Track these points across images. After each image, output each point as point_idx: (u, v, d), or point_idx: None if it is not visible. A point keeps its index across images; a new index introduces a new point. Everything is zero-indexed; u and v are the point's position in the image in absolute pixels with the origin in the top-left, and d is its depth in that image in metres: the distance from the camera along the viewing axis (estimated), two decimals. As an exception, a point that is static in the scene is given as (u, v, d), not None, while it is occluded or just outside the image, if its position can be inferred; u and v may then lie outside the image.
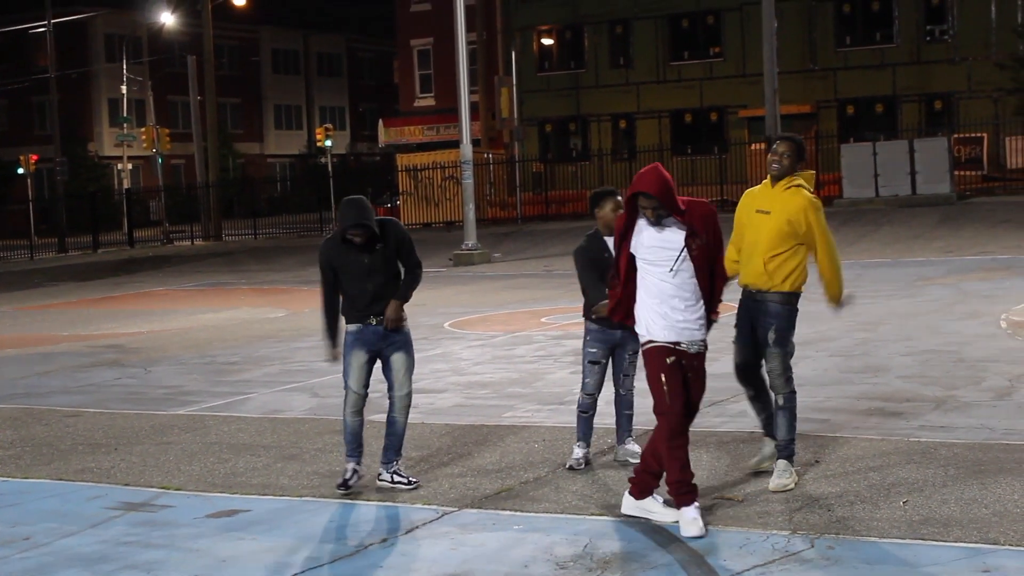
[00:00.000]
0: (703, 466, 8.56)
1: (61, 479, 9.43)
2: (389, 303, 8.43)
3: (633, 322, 7.48)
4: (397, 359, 8.47)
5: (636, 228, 7.33)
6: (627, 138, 51.43)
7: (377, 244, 8.39)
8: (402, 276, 8.58)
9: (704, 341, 7.41)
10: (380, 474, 8.54)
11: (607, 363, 8.82)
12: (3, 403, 13.25)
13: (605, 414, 9.23)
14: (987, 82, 44.43)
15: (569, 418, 10.05)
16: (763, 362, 8.22)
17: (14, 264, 45.28)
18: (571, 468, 8.72)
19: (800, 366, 12.35)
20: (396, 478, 8.43)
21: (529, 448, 9.51)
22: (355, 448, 8.53)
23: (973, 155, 42.61)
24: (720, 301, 7.52)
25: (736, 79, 49.08)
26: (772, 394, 8.22)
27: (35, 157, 56.22)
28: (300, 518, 7.88)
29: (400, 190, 47.80)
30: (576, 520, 7.45)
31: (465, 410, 11.36)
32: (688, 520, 7.04)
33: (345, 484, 8.41)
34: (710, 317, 7.44)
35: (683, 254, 7.22)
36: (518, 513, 7.62)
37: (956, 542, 6.61)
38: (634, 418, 9.02)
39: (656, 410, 7.30)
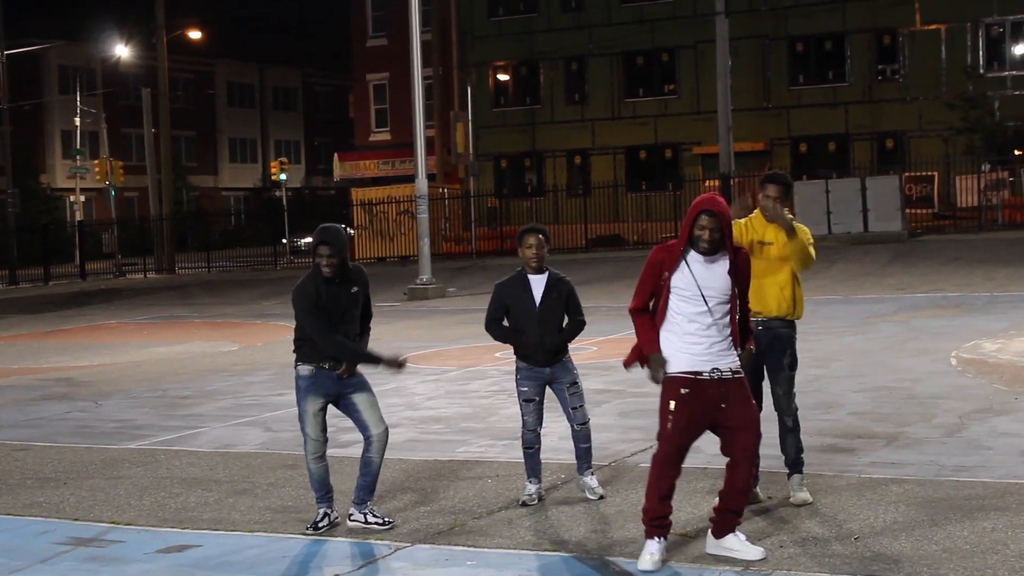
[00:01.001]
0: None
1: (9, 514, 9.32)
2: (345, 365, 8.19)
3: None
4: (361, 399, 8.25)
5: (680, 264, 7.16)
6: (582, 174, 51.61)
7: (353, 287, 8.25)
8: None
9: (736, 364, 7.20)
10: (352, 514, 8.32)
11: (541, 399, 8.83)
12: (-49, 437, 13.10)
13: (562, 450, 9.24)
14: (938, 121, 44.99)
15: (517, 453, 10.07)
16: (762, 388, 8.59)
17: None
18: (524, 504, 8.71)
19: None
20: (371, 518, 8.25)
21: (483, 484, 9.49)
22: (324, 494, 8.32)
23: (924, 193, 43.06)
24: (751, 333, 7.52)
25: (690, 116, 49.42)
26: (778, 415, 8.61)
27: (-14, 188, 55.78)
28: (252, 553, 7.83)
29: (355, 224, 47.75)
30: (529, 556, 7.44)
31: (419, 445, 11.34)
32: (646, 553, 7.03)
33: (315, 526, 8.23)
34: (746, 346, 7.39)
35: (728, 292, 7.16)
36: (471, 549, 7.60)
37: (907, 578, 6.65)
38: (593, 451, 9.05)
39: (658, 435, 7.26)
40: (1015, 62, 45.89)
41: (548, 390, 8.91)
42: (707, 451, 10.16)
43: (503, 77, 53.90)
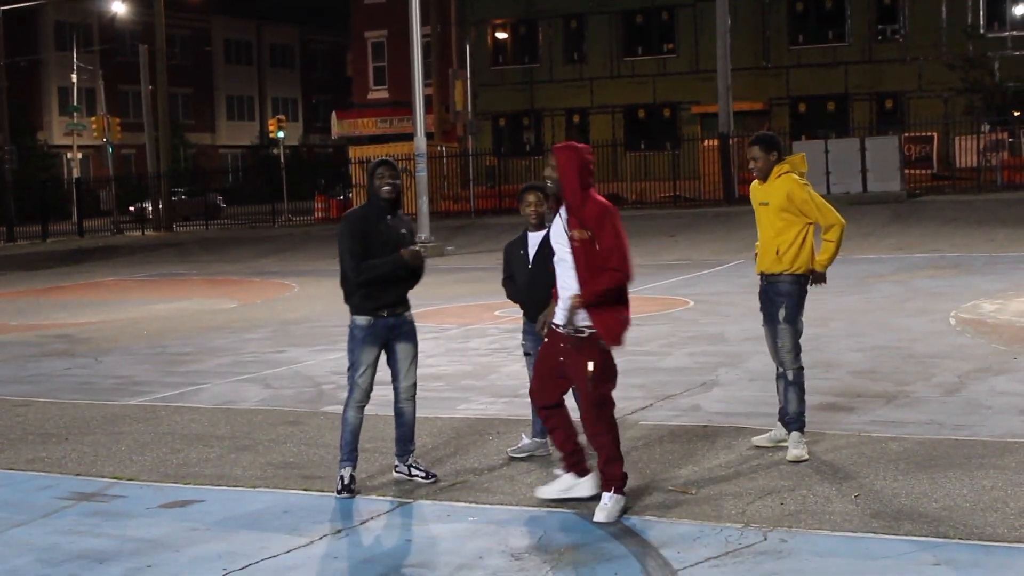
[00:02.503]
0: (656, 459, 8.61)
1: (11, 469, 9.34)
2: (407, 250, 8.06)
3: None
4: (403, 348, 8.23)
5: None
6: (580, 133, 51.46)
7: (403, 229, 8.18)
8: None
9: (571, 326, 7.34)
10: (396, 466, 8.36)
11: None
12: (-49, 392, 13.13)
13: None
14: (937, 82, 44.87)
15: (523, 411, 10.10)
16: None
17: (-39, 253, 44.79)
18: (510, 456, 8.82)
19: (752, 361, 12.51)
20: (414, 471, 8.28)
21: (483, 440, 9.52)
22: (350, 452, 8.15)
23: (923, 154, 43.00)
24: (594, 292, 7.31)
25: (689, 75, 49.26)
26: (781, 369, 8.68)
27: (-17, 145, 55.60)
28: (253, 509, 7.85)
29: (352, 182, 47.68)
30: (531, 512, 7.47)
31: (420, 402, 11.29)
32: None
33: (348, 488, 8.03)
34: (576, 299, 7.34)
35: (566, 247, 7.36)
36: (473, 505, 7.63)
37: (907, 535, 6.67)
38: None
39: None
40: (1016, 22, 45.72)
41: None
42: (708, 409, 10.23)
43: (502, 35, 53.68)
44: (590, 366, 7.31)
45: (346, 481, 8.07)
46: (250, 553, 6.84)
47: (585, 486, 7.53)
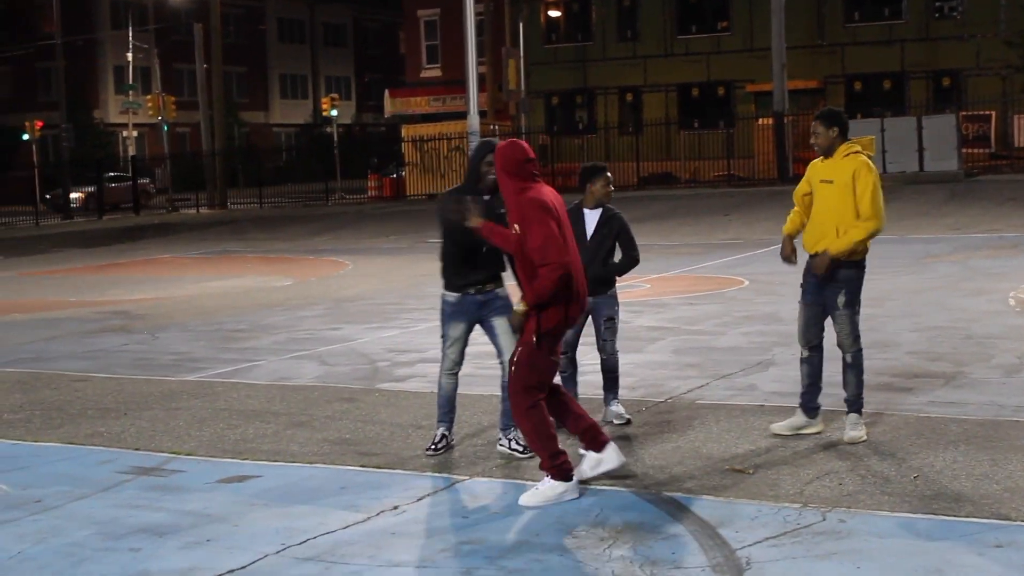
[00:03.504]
0: (712, 438, 8.58)
1: (71, 443, 9.44)
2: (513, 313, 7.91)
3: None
4: (500, 323, 8.28)
5: None
6: (633, 112, 51.28)
7: (501, 208, 8.02)
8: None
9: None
10: (500, 439, 8.46)
11: (580, 326, 8.95)
12: (11, 367, 13.27)
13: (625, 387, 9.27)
14: (995, 59, 44.29)
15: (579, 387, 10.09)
16: (823, 326, 8.58)
17: (19, 230, 45.28)
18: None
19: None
20: (513, 445, 8.34)
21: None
22: (446, 412, 8.46)
23: (980, 133, 42.52)
24: (536, 295, 7.21)
25: (744, 53, 48.88)
26: (840, 352, 8.53)
27: (40, 123, 56.06)
28: (311, 485, 7.89)
29: (405, 161, 47.76)
30: (587, 489, 7.45)
31: (475, 379, 11.32)
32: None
33: (434, 447, 8.39)
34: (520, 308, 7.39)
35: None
36: (529, 482, 7.60)
37: (968, 517, 6.61)
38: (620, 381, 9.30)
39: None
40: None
41: (589, 321, 9.10)
42: (764, 388, 10.18)
43: (554, 13, 53.47)
44: (519, 349, 7.35)
45: (436, 440, 8.43)
46: (308, 528, 6.87)
47: (610, 459, 7.50)
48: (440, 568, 6.21)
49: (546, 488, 7.28)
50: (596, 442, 7.55)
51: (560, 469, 7.29)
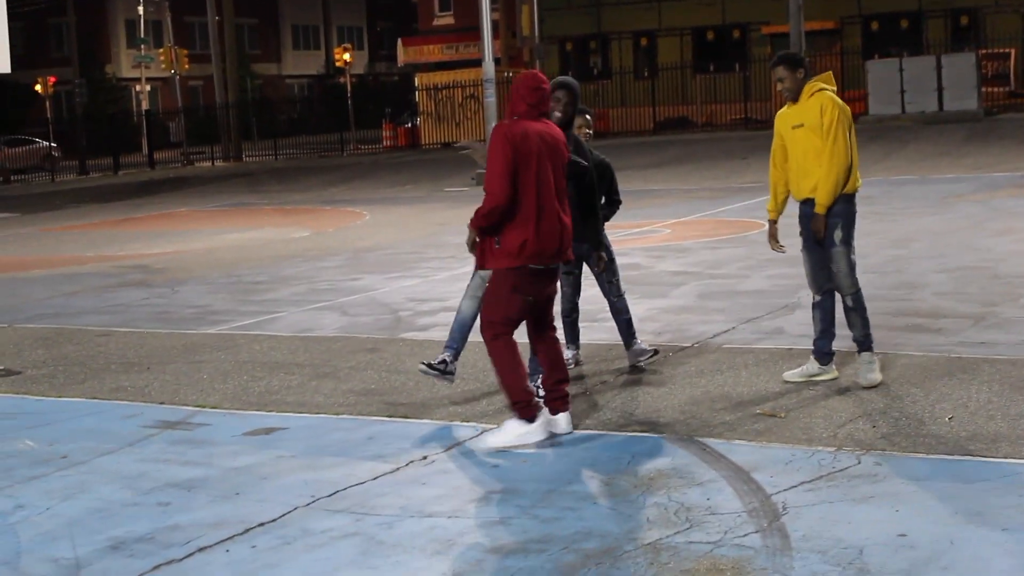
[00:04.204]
0: (741, 382, 8.49)
1: (95, 398, 9.38)
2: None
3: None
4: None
5: None
6: (648, 56, 50.90)
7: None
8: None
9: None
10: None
11: (579, 272, 9.02)
12: (34, 323, 13.23)
13: (643, 331, 9.16)
14: (1014, -3, 43.78)
15: (604, 335, 10.04)
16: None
17: (36, 186, 45.26)
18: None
19: (835, 283, 12.29)
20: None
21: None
22: (451, 341, 8.49)
23: (1000, 71, 42.09)
24: (477, 215, 7.26)
25: (759, -5, 48.39)
26: (840, 296, 8.38)
27: (53, 79, 55.96)
28: (337, 436, 7.83)
29: (419, 110, 47.55)
30: (617, 436, 7.38)
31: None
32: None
33: (428, 365, 8.44)
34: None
35: None
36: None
37: (1006, 458, 6.51)
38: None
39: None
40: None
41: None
42: (791, 332, 10.07)
43: (567, -42, 53.00)
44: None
45: (435, 360, 8.43)
46: (337, 480, 6.81)
47: (560, 424, 7.49)
48: (473, 518, 6.15)
49: (509, 428, 7.29)
50: (553, 404, 7.50)
51: (523, 408, 7.26)
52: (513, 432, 7.27)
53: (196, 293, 14.90)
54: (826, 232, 8.21)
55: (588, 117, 9.04)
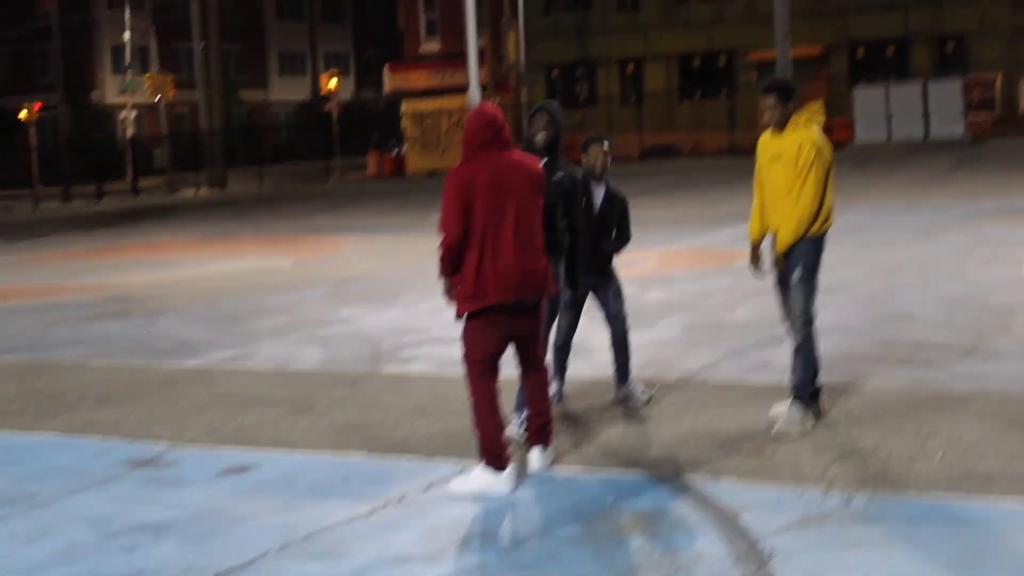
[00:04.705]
0: (728, 418, 8.29)
1: (67, 432, 9.16)
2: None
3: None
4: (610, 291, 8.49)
5: None
6: (635, 82, 50.88)
7: (558, 173, 7.82)
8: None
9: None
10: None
11: (580, 308, 8.77)
12: (8, 355, 12.99)
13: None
14: (1000, 23, 43.84)
15: (589, 369, 9.83)
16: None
17: (17, 213, 44.98)
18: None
19: (823, 312, 12.05)
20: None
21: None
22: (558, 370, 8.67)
23: (986, 97, 42.12)
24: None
25: (745, 21, 48.44)
26: (790, 335, 8.06)
27: (38, 105, 55.72)
28: (314, 475, 7.61)
29: (405, 137, 47.44)
30: (599, 474, 7.18)
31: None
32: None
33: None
34: None
35: None
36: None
37: (1000, 497, 6.33)
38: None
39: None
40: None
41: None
42: (779, 365, 9.85)
43: (554, -16, 53.04)
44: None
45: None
46: (311, 522, 6.60)
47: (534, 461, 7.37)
48: (450, 562, 5.94)
49: (476, 476, 7.06)
50: (531, 438, 7.36)
51: (493, 458, 7.02)
52: (480, 481, 7.03)
53: (175, 324, 14.67)
54: (786, 270, 7.98)
55: (606, 144, 8.76)
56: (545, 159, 7.82)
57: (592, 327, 9.62)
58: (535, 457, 7.31)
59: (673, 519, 6.32)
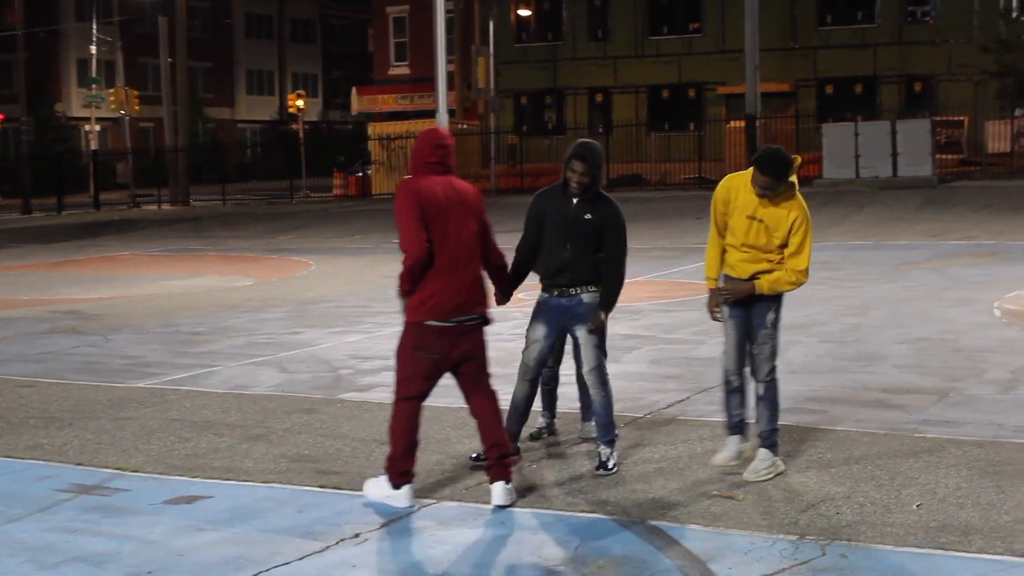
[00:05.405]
0: (697, 459, 8.02)
1: (10, 456, 8.79)
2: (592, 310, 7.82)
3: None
4: (582, 333, 7.84)
5: None
6: (603, 112, 50.79)
7: (587, 215, 7.72)
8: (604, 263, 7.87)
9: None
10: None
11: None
12: (-46, 371, 12.59)
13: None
14: (968, 65, 44.04)
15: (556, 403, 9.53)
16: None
17: (-24, 224, 44.34)
18: (532, 437, 8.59)
19: (792, 352, 11.89)
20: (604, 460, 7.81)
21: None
22: (515, 417, 8.11)
23: (953, 138, 42.24)
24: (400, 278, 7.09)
25: (715, 55, 48.48)
26: (754, 382, 7.76)
27: (1, 116, 55.04)
28: (265, 507, 7.29)
29: (372, 159, 47.14)
30: (566, 517, 6.89)
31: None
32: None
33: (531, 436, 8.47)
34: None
35: None
36: (503, 508, 7.04)
37: (979, 553, 6.08)
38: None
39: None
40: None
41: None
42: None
43: (524, 12, 52.95)
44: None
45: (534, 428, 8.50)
46: (260, 559, 6.28)
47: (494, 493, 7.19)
48: (405, 607, 5.63)
49: (379, 484, 7.18)
50: (490, 472, 7.19)
51: (393, 475, 7.10)
52: (380, 490, 7.17)
53: (130, 343, 14.29)
54: (759, 311, 7.63)
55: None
56: (575, 200, 7.79)
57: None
58: (496, 494, 7.03)
59: (640, 566, 6.04)
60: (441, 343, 7.01)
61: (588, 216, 7.74)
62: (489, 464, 7.15)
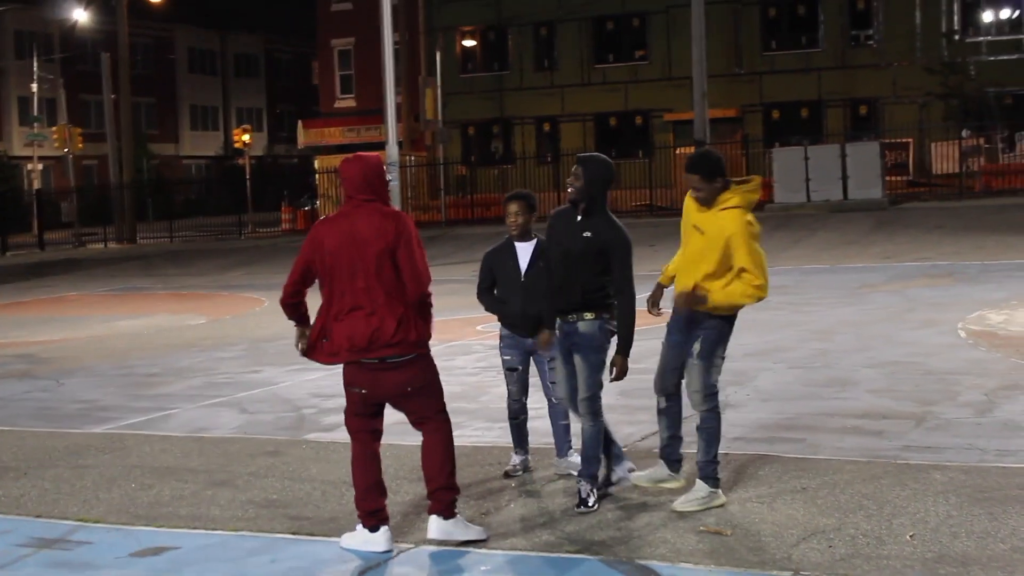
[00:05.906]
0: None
1: (-36, 509, 8.46)
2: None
3: None
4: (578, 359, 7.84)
5: None
6: (551, 141, 50.78)
7: (585, 231, 7.72)
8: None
9: None
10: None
11: (526, 368, 8.45)
12: (-99, 420, 12.19)
13: (576, 434, 8.48)
14: (912, 87, 44.41)
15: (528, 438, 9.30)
16: (683, 372, 7.72)
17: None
18: (507, 475, 8.43)
19: (761, 378, 11.75)
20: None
21: (485, 472, 8.70)
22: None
23: (899, 160, 42.52)
24: None
25: (662, 82, 48.63)
26: (665, 403, 7.81)
27: (-59, 157, 54.36)
28: (234, 556, 7.01)
29: (319, 193, 46.87)
30: (550, 558, 6.65)
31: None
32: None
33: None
34: None
35: None
36: (484, 551, 6.81)
37: (981, 585, 5.91)
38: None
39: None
40: (990, 28, 45.34)
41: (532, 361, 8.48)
42: (724, 434, 9.42)
43: (470, 43, 52.93)
44: None
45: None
46: (235, 613, 6.01)
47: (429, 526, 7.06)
48: (391, 661, 5.38)
49: (356, 533, 6.94)
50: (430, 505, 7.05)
51: (362, 517, 6.90)
52: (357, 537, 6.92)
53: (83, 386, 13.94)
54: (690, 341, 7.56)
55: (515, 205, 8.37)
56: (580, 218, 7.77)
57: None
58: (430, 527, 6.90)
59: (632, 608, 5.82)
60: (364, 379, 6.93)
61: (586, 234, 7.74)
62: (428, 494, 7.00)
